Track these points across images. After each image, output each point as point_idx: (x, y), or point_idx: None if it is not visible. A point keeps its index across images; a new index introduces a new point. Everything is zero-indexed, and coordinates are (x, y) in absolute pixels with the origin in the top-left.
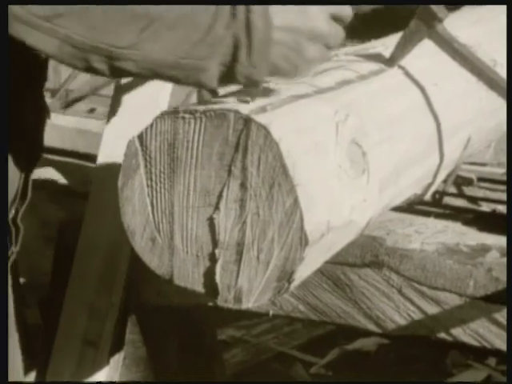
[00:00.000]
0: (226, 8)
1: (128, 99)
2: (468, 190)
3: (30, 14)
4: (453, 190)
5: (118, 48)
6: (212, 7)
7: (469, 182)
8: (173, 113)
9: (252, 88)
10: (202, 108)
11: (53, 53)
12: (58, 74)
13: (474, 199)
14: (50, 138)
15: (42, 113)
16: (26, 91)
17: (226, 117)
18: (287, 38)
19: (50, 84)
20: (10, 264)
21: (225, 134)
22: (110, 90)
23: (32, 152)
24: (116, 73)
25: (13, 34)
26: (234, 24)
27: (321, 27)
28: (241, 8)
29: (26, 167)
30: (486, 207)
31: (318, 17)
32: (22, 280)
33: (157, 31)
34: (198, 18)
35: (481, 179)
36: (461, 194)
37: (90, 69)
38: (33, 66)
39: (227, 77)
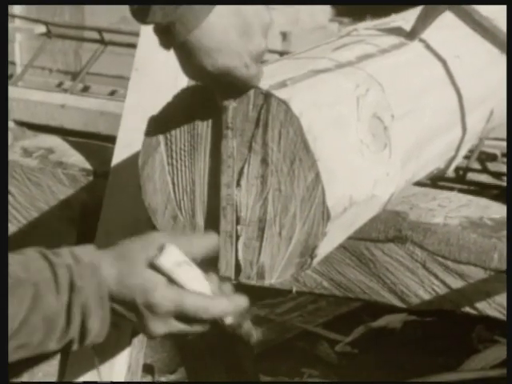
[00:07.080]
0: (61, 322)
1: (147, 79)
2: (492, 166)
3: None
4: (476, 165)
5: None
6: (42, 325)
7: (493, 157)
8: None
9: None
10: None
11: None
12: (78, 57)
13: (498, 175)
14: (72, 121)
15: None
16: None
17: (246, 92)
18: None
19: (70, 67)
20: None
21: (245, 110)
22: (130, 72)
23: None
24: None
25: None
26: (67, 335)
27: None
28: (78, 314)
29: None
30: None
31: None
32: None
33: None
34: (29, 338)
35: (505, 154)
36: (485, 170)
37: None
38: None
39: None
